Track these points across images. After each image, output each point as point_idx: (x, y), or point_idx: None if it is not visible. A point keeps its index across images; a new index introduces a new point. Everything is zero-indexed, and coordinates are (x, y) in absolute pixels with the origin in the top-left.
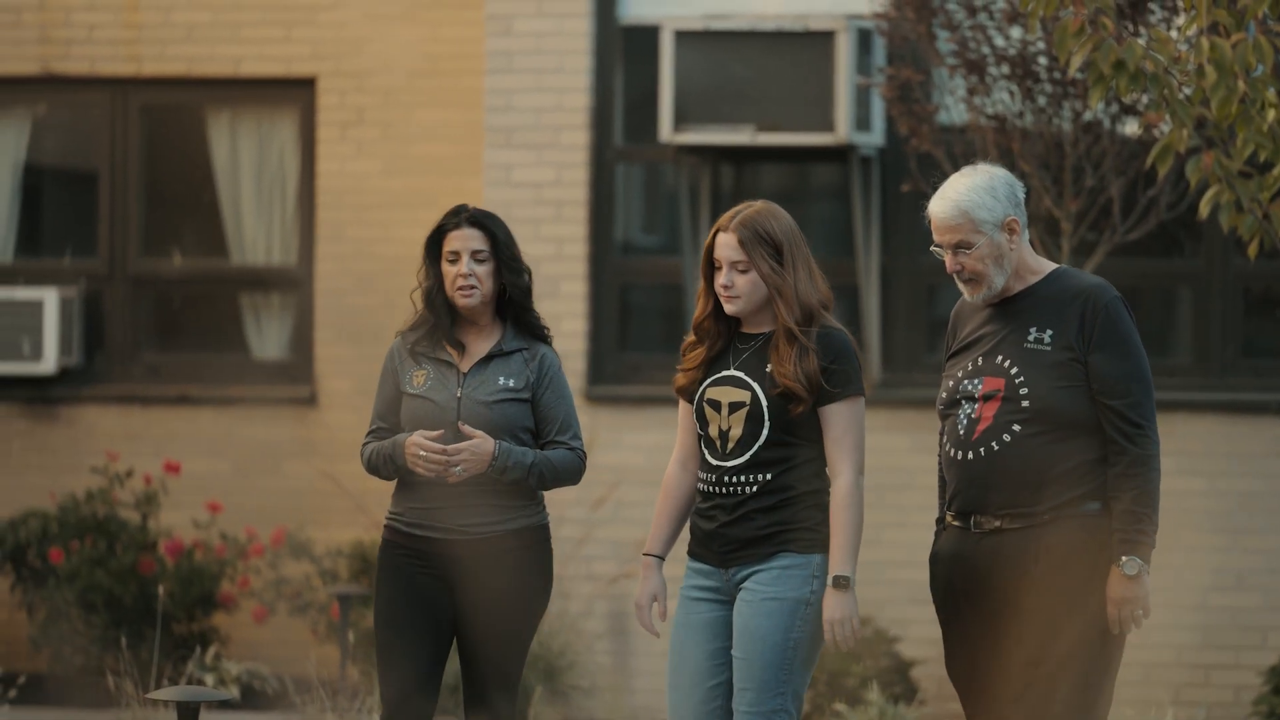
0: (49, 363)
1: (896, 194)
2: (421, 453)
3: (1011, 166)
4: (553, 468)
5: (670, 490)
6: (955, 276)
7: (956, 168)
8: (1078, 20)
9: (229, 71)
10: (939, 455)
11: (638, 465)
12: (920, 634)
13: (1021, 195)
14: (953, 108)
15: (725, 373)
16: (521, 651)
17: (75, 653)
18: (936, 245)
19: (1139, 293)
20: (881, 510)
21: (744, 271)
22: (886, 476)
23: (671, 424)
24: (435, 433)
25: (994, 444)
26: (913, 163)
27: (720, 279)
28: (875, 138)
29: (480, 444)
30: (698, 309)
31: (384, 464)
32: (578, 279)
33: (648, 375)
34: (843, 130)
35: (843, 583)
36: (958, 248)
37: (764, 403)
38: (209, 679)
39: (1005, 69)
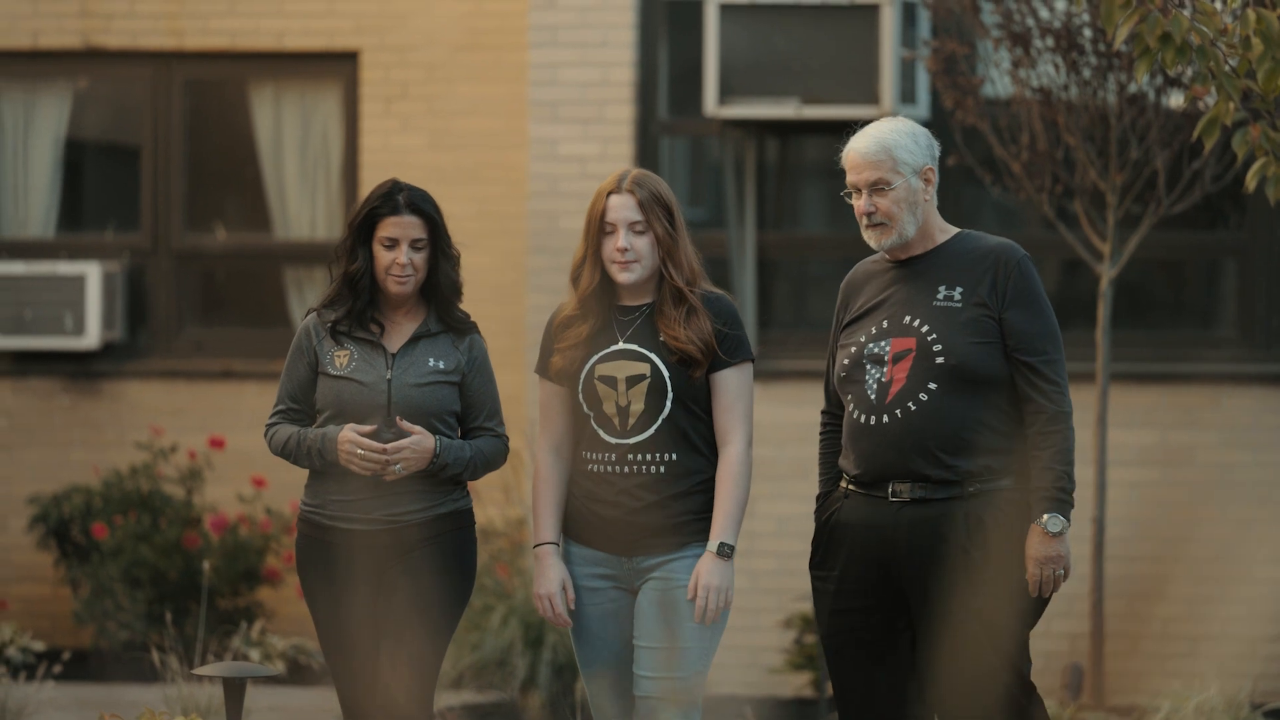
0: (92, 337)
1: (942, 167)
2: (359, 451)
3: (1057, 139)
4: (485, 459)
5: (548, 478)
6: (865, 219)
7: (1002, 141)
8: None
9: (272, 45)
10: (822, 429)
11: None
12: None
13: (937, 154)
14: (998, 80)
15: (615, 347)
16: (447, 637)
17: (120, 628)
18: (850, 188)
19: (1183, 265)
20: None
21: (641, 233)
22: None
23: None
24: (368, 428)
25: (910, 404)
26: (958, 136)
27: (616, 243)
28: (920, 110)
29: (421, 441)
30: (583, 281)
31: (306, 455)
32: None
33: None
34: (887, 103)
35: (726, 551)
36: (875, 187)
37: (665, 373)
38: (254, 654)
39: (1050, 41)
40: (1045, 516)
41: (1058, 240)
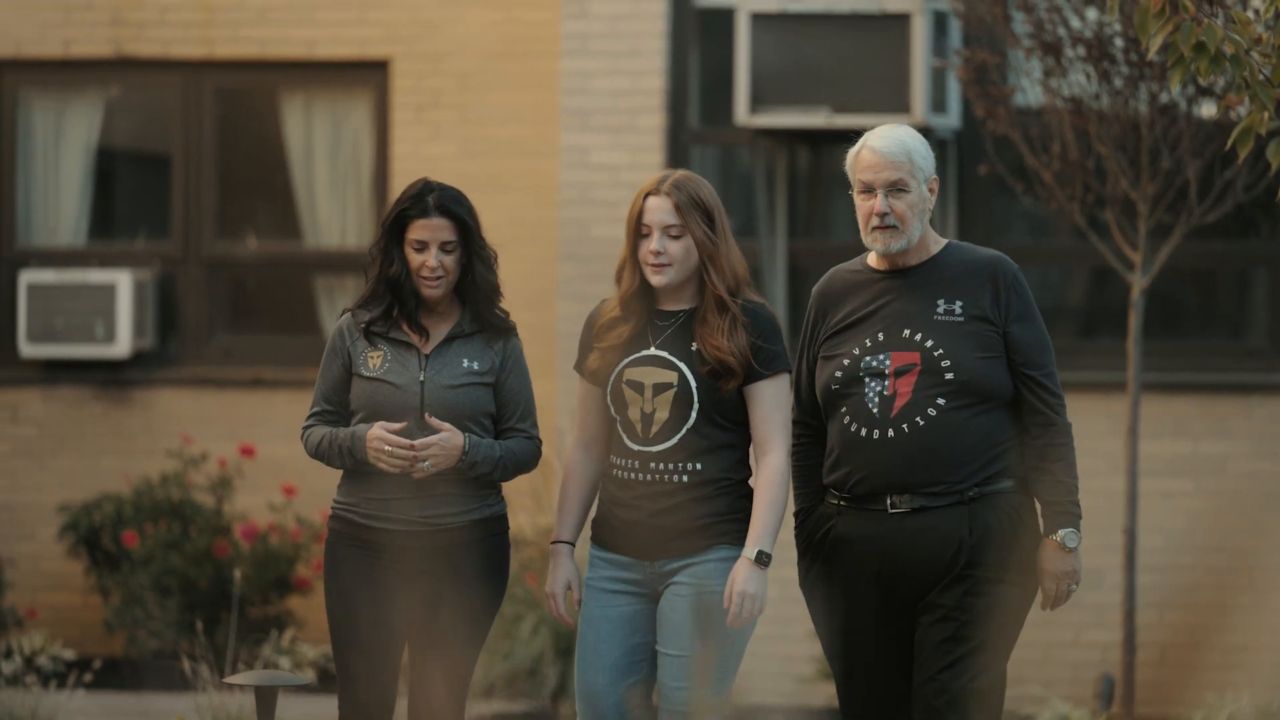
0: (123, 346)
1: (973, 176)
2: (386, 448)
3: (1088, 149)
4: (516, 460)
5: (576, 475)
6: (877, 220)
7: (1033, 150)
8: (1159, 1)
9: (303, 54)
10: (796, 440)
11: None
12: None
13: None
14: (1029, 90)
15: (646, 352)
16: (479, 646)
17: (150, 636)
18: (862, 187)
19: (1215, 275)
20: None
21: (677, 237)
22: None
23: None
24: (398, 425)
25: (918, 419)
26: (989, 145)
27: (651, 245)
28: (951, 120)
29: (450, 438)
30: (624, 283)
31: (338, 455)
32: None
33: None
34: (919, 112)
35: (764, 559)
36: (893, 187)
37: (693, 383)
38: (284, 662)
39: (1081, 51)
40: (1062, 532)
41: (1089, 250)
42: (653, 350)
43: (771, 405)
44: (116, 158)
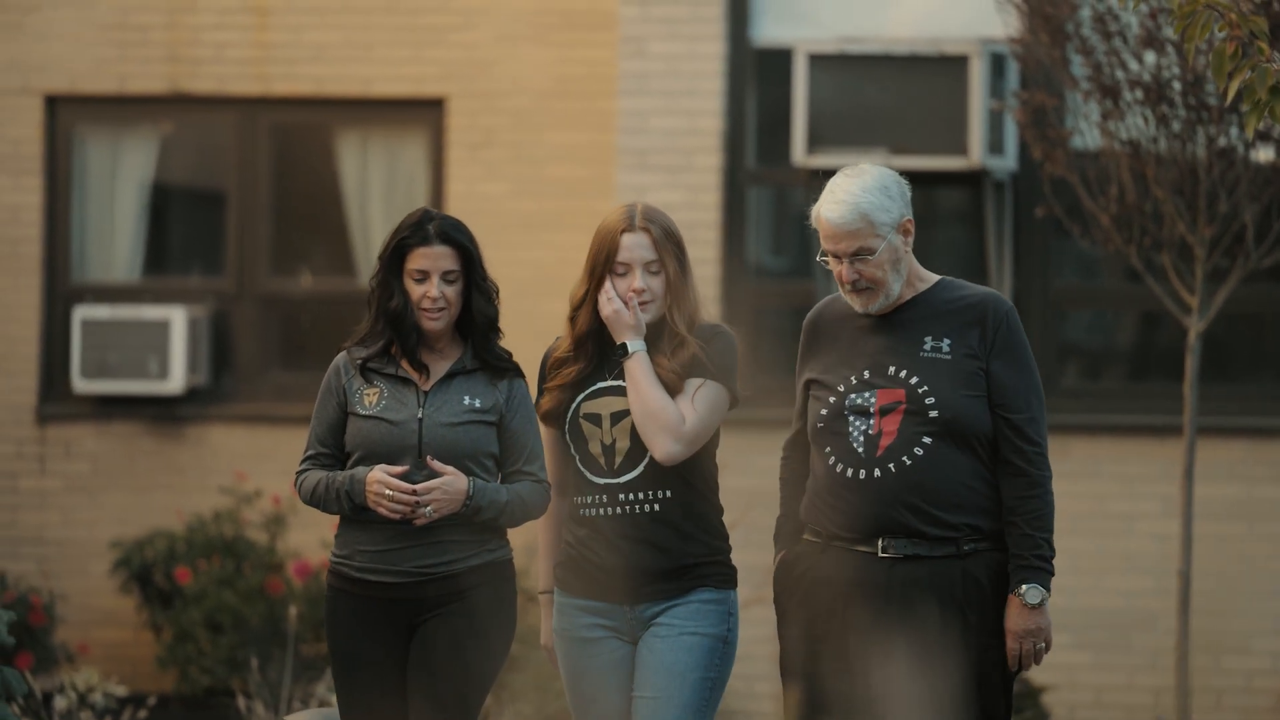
0: (176, 382)
1: (1030, 219)
2: (386, 492)
3: (1145, 192)
4: (524, 505)
5: (556, 521)
6: (850, 286)
7: (1090, 193)
8: (1233, 44)
9: (358, 91)
10: (783, 476)
11: (769, 489)
12: (1049, 660)
13: (909, 194)
14: (1087, 132)
15: (603, 384)
16: (481, 698)
17: (202, 673)
18: (828, 254)
19: (1271, 319)
20: None
21: (656, 273)
22: None
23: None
24: (398, 469)
25: (905, 459)
26: (1046, 187)
27: (633, 283)
28: (1008, 162)
29: (453, 482)
30: (580, 323)
31: (335, 500)
32: (710, 302)
33: (779, 398)
34: (976, 154)
35: (625, 348)
36: (856, 255)
37: None
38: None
39: (1140, 94)
40: (1024, 588)
41: (1145, 293)
42: (610, 381)
43: (689, 392)
44: (171, 194)
